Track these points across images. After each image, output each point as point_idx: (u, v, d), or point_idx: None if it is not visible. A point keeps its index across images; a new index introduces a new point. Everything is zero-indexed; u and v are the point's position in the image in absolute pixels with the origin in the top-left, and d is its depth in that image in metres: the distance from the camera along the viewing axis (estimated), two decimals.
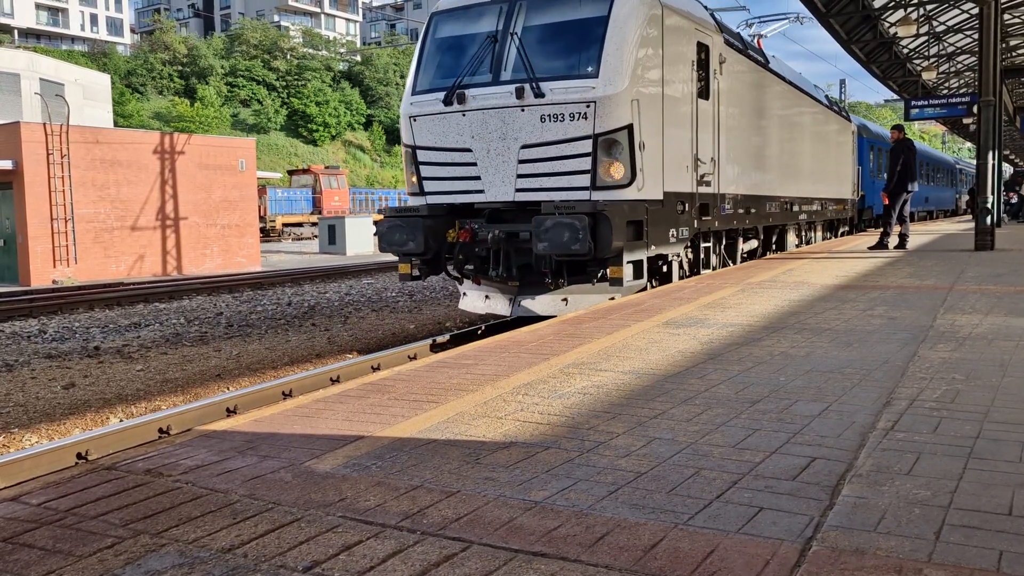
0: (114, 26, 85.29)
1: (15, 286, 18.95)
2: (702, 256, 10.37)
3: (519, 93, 7.98)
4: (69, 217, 19.83)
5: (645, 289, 8.70)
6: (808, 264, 11.30)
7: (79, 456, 5.33)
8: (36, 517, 2.47)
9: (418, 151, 8.79)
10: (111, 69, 56.90)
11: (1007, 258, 11.88)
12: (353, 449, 3.07)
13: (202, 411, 6.32)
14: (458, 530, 2.29)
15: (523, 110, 7.98)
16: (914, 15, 22.16)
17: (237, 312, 13.44)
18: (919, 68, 30.25)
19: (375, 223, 8.93)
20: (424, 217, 8.43)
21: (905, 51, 29.07)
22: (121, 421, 6.69)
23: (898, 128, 14.38)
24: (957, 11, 24.36)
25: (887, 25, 24.68)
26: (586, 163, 7.81)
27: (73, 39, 79.37)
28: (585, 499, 2.50)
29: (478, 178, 8.36)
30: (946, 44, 28.45)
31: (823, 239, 18.65)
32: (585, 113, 7.76)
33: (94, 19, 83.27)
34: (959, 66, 32.21)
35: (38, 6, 78.43)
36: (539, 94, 7.91)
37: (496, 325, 10.20)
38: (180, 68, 66.44)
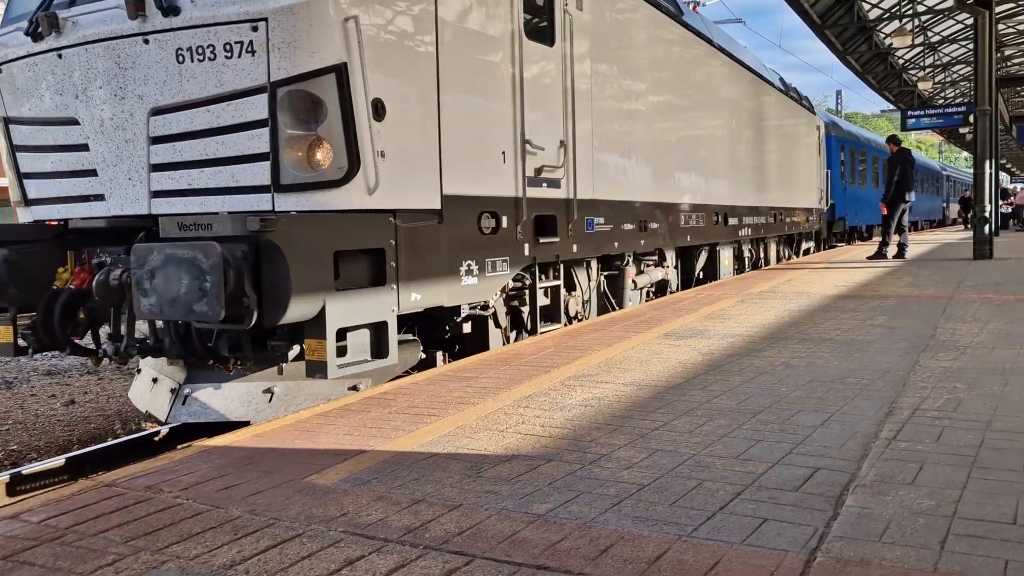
0: None
1: None
2: (544, 302, 6.57)
3: (136, 8, 4.52)
4: None
5: (413, 371, 5.22)
6: (807, 274, 11.32)
7: (79, 473, 5.31)
8: (36, 534, 2.46)
9: (11, 126, 5.27)
10: None
11: (1006, 267, 11.90)
12: (354, 463, 3.06)
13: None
14: (460, 544, 2.28)
15: (147, 41, 4.55)
16: (909, 26, 22.30)
17: None
18: (915, 78, 30.44)
19: None
20: None
21: (901, 62, 29.26)
22: (120, 437, 6.67)
23: (894, 140, 14.47)
24: (952, 22, 24.54)
25: (882, 36, 24.84)
26: (261, 140, 4.36)
27: None
28: (588, 512, 2.49)
29: (94, 173, 4.87)
30: (941, 54, 28.63)
31: (778, 259, 15.17)
32: (251, 43, 4.32)
33: None
34: (955, 76, 32.40)
35: None
36: (170, 8, 4.45)
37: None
38: None
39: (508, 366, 4.95)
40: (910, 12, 22.22)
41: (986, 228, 13.70)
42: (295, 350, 4.38)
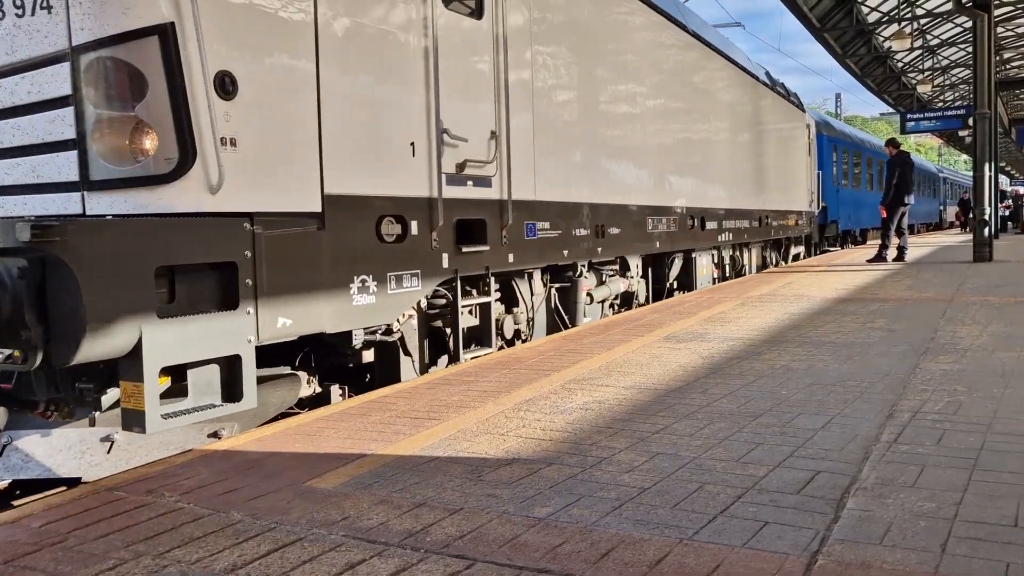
0: None
1: None
2: (472, 322, 5.66)
3: None
4: None
5: (305, 409, 4.63)
6: (807, 277, 11.32)
7: (79, 479, 5.30)
8: (37, 540, 2.46)
9: None
10: None
11: (1006, 269, 11.90)
12: (355, 467, 3.06)
13: None
14: (462, 548, 2.28)
15: None
16: (908, 29, 22.34)
17: None
18: (914, 81, 30.48)
19: None
20: None
21: (900, 65, 29.30)
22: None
23: (893, 143, 14.51)
24: (951, 25, 24.58)
25: (881, 39, 24.89)
26: (65, 123, 3.47)
27: None
28: (589, 515, 2.49)
29: None
30: (940, 57, 28.68)
31: (764, 265, 14.26)
32: None
33: None
34: (954, 79, 32.44)
35: None
36: None
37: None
38: None
39: (508, 370, 4.95)
40: (909, 15, 22.26)
41: (986, 231, 13.72)
42: (112, 394, 3.51)
